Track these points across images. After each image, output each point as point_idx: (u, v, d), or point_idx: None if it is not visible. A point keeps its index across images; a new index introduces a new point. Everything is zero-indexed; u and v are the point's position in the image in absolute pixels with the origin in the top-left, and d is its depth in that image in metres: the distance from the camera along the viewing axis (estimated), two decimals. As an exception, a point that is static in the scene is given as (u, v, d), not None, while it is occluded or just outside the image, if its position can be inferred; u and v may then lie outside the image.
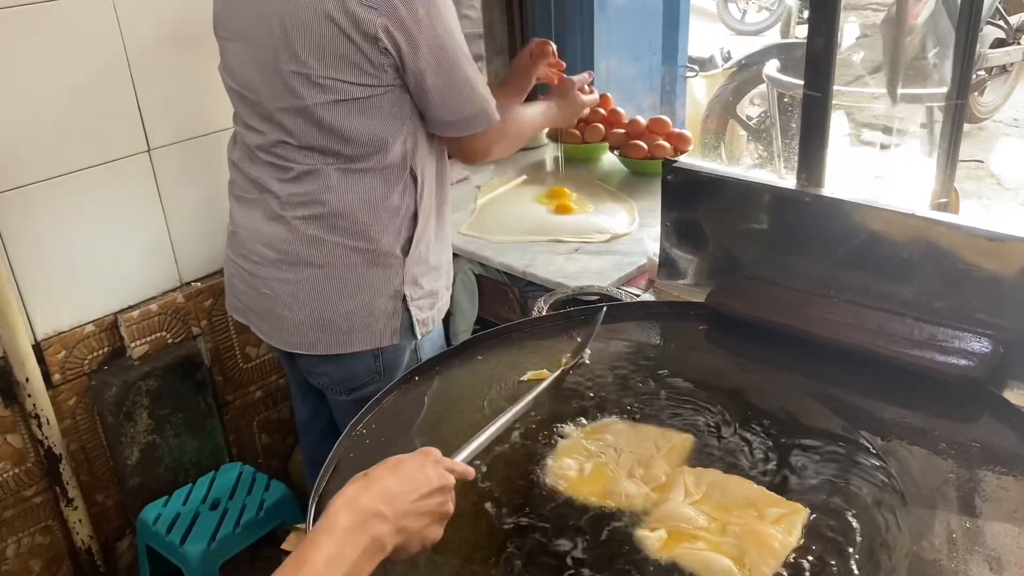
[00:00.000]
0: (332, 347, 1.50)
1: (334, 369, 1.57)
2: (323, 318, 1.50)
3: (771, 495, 0.99)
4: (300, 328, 1.52)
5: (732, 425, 1.13)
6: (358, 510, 0.79)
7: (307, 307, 1.50)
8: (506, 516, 0.99)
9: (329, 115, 1.39)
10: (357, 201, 1.44)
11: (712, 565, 0.90)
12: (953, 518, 0.95)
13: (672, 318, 1.37)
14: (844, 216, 1.27)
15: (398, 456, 0.88)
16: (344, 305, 1.49)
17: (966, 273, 1.19)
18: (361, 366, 1.55)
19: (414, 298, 1.52)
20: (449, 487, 0.88)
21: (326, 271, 1.48)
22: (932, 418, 1.11)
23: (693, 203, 1.44)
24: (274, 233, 1.50)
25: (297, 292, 1.51)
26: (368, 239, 1.46)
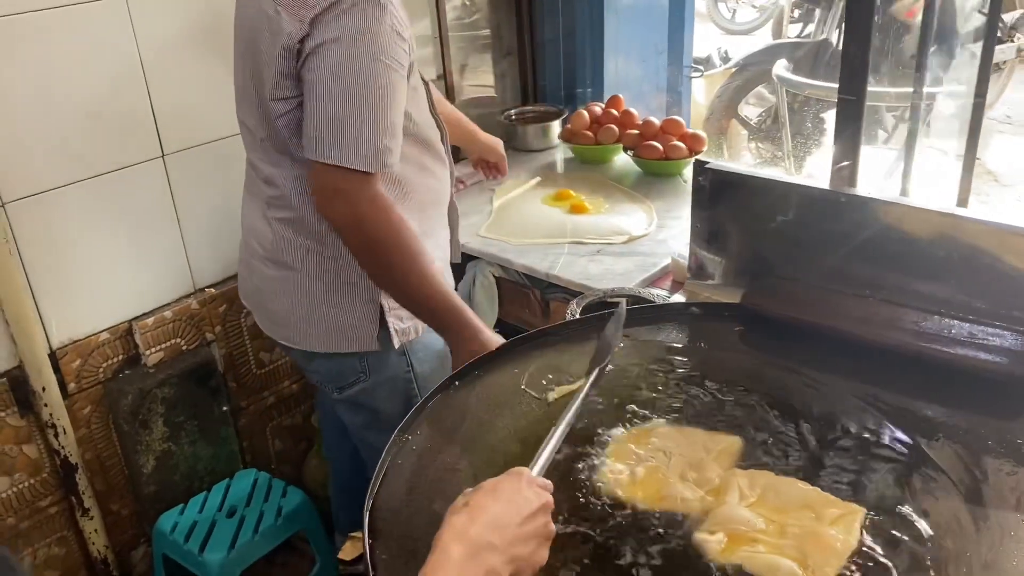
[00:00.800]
0: (314, 344, 1.53)
1: (322, 366, 1.60)
2: (303, 317, 1.53)
3: (826, 495, 0.99)
4: (286, 322, 1.56)
5: (777, 426, 1.13)
6: (469, 542, 0.77)
7: (289, 305, 1.54)
8: (563, 523, 0.98)
9: (282, 122, 1.39)
10: (317, 212, 1.43)
11: (777, 568, 0.90)
12: (1010, 515, 0.95)
13: (706, 319, 1.37)
14: (880, 216, 1.28)
15: (492, 480, 0.85)
16: (321, 308, 1.52)
17: (1003, 270, 1.19)
18: (346, 366, 1.57)
19: (391, 307, 1.51)
20: (549, 505, 0.86)
21: (302, 275, 1.51)
22: (976, 416, 1.12)
23: (724, 204, 1.44)
24: (261, 231, 1.55)
25: (279, 289, 1.55)
26: (335, 246, 1.45)
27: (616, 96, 2.34)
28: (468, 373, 1.25)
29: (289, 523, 2.08)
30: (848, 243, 1.31)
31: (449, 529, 0.79)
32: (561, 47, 2.52)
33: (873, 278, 1.31)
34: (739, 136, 3.48)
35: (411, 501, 1.03)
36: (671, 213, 1.96)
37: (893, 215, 1.27)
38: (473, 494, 0.83)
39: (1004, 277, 1.20)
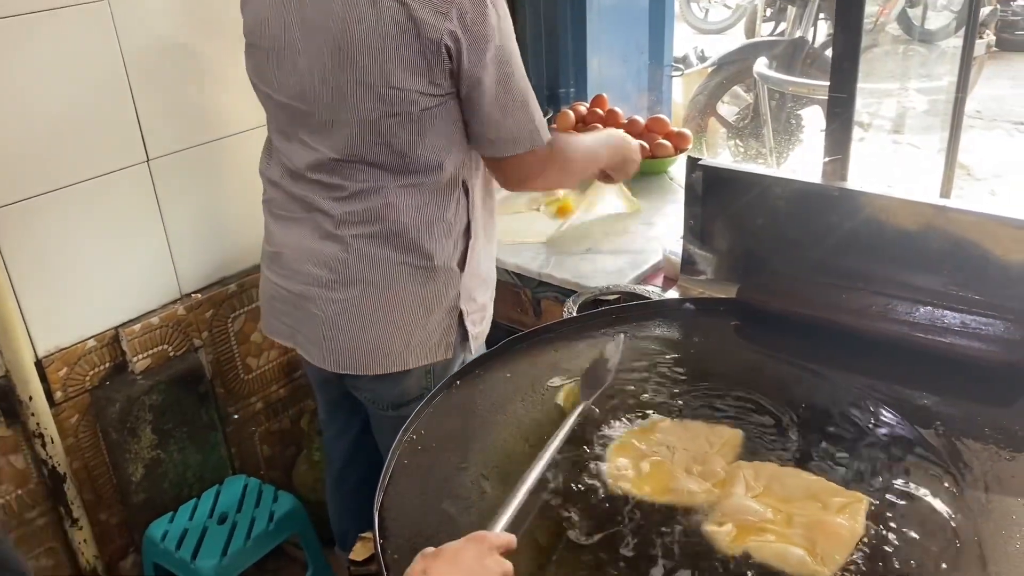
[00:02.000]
0: (387, 366, 1.46)
1: (384, 386, 1.52)
2: (378, 337, 1.45)
3: (831, 485, 1.01)
4: (355, 349, 1.47)
5: (776, 418, 1.15)
6: None
7: (361, 326, 1.45)
8: (572, 520, 0.99)
9: (389, 128, 1.34)
10: (414, 217, 1.41)
11: (787, 556, 0.91)
12: (1010, 500, 0.97)
13: (702, 315, 1.39)
14: (871, 209, 1.30)
15: (453, 547, 0.85)
16: (400, 322, 1.44)
17: (994, 261, 1.22)
18: (412, 382, 1.51)
19: (469, 312, 1.50)
20: (508, 574, 0.85)
21: (382, 289, 1.44)
22: (971, 404, 1.14)
23: (716, 200, 1.46)
24: (327, 252, 1.45)
25: (350, 311, 1.45)
26: (425, 255, 1.42)
27: (600, 95, 2.35)
28: (470, 372, 1.26)
29: (281, 528, 2.07)
30: (840, 236, 1.33)
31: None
32: (544, 47, 2.53)
33: (866, 270, 1.33)
34: (718, 134, 3.52)
35: (420, 501, 1.03)
36: (660, 211, 1.98)
37: (884, 208, 1.29)
38: (433, 560, 0.83)
39: (994, 267, 1.22)
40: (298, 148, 1.43)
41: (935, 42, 3.63)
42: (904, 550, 0.92)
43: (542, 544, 0.96)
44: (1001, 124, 4.64)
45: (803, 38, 3.35)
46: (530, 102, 1.40)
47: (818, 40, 3.43)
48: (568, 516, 1.00)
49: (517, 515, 0.93)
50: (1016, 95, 5.04)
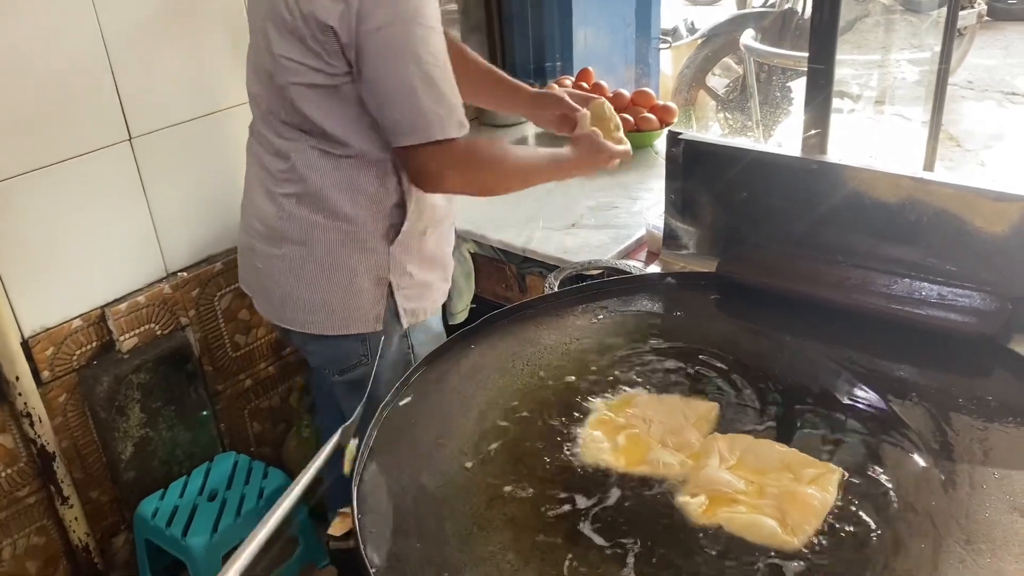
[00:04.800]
0: (315, 327, 1.52)
1: (322, 349, 1.58)
2: (306, 297, 1.51)
3: (804, 456, 1.02)
4: (286, 304, 1.54)
5: (753, 391, 1.16)
6: None
7: (291, 284, 1.51)
8: (547, 493, 1.00)
9: (300, 98, 1.38)
10: (336, 184, 1.43)
11: (758, 527, 0.92)
12: (979, 469, 0.98)
13: (683, 288, 1.39)
14: (851, 182, 1.30)
15: None
16: (326, 286, 1.49)
17: (972, 233, 1.22)
18: (348, 348, 1.54)
19: (401, 286, 1.50)
20: None
21: (309, 250, 1.49)
22: (947, 375, 1.15)
23: (697, 174, 1.46)
24: (264, 208, 1.52)
25: (283, 269, 1.52)
26: (349, 221, 1.44)
27: (586, 69, 2.34)
28: (450, 348, 1.26)
29: (271, 504, 2.08)
30: (820, 210, 1.34)
31: None
32: (529, 21, 2.51)
33: (845, 244, 1.33)
34: (707, 107, 3.50)
35: (398, 476, 1.04)
36: (644, 185, 1.98)
37: (864, 181, 1.29)
38: None
39: (972, 239, 1.23)
40: (252, 99, 1.52)
41: (926, 11, 3.61)
42: (875, 520, 0.93)
43: (516, 517, 0.97)
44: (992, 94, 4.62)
45: (792, 9, 3.32)
46: (421, 91, 1.30)
47: (807, 11, 3.41)
48: (542, 488, 1.00)
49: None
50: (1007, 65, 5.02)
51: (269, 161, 1.49)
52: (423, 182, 1.40)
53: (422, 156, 1.34)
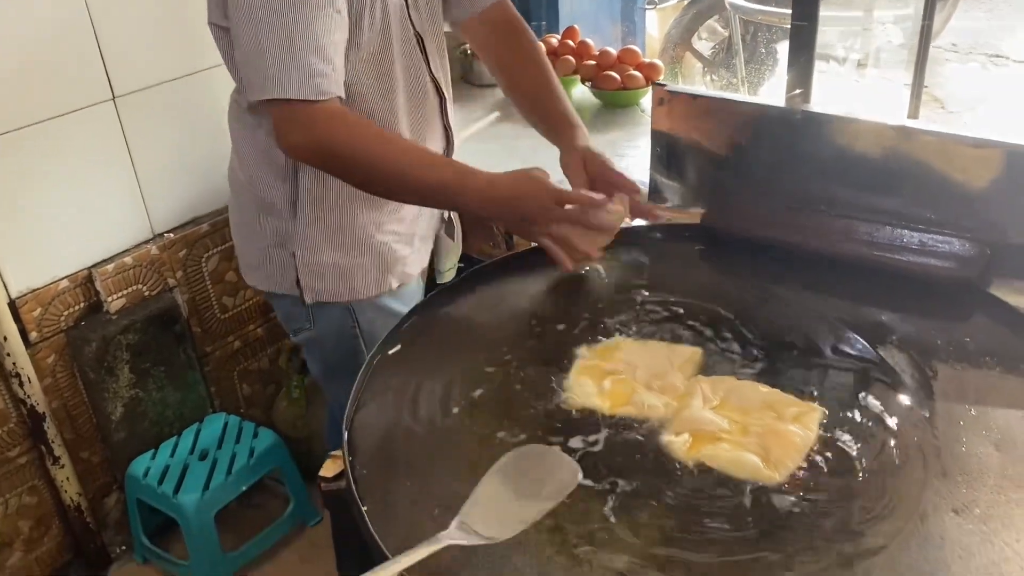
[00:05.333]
0: (246, 276, 1.56)
1: (276, 305, 1.59)
2: (239, 246, 1.56)
3: (786, 396, 1.04)
4: (236, 248, 1.58)
5: (736, 338, 1.17)
6: None
7: (233, 231, 1.57)
8: (535, 436, 1.02)
9: (216, 40, 1.36)
10: (244, 139, 1.43)
11: (741, 463, 0.94)
12: (956, 407, 1.01)
13: (667, 240, 1.40)
14: (833, 131, 1.31)
15: None
16: (247, 240, 1.52)
17: (953, 181, 1.24)
18: (291, 310, 1.53)
19: (305, 262, 1.43)
20: None
21: (237, 203, 1.52)
22: (927, 319, 1.17)
23: (682, 126, 1.46)
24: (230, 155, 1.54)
25: (230, 215, 1.58)
26: (255, 181, 1.43)
27: (572, 27, 2.34)
28: (438, 298, 1.28)
29: (262, 463, 2.10)
30: (803, 161, 1.35)
31: None
32: (515, -21, 2.49)
33: (828, 194, 1.34)
34: (694, 68, 3.49)
35: (388, 420, 1.05)
36: (630, 143, 1.98)
37: (847, 131, 1.31)
38: None
39: (952, 188, 1.24)
40: None
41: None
42: (854, 456, 0.95)
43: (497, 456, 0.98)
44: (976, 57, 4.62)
45: (779, -31, 3.30)
46: (270, 46, 1.19)
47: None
48: (531, 431, 1.02)
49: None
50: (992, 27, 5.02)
51: None
52: (277, 139, 1.26)
53: (273, 112, 1.24)
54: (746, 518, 0.88)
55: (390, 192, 1.32)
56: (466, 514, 0.85)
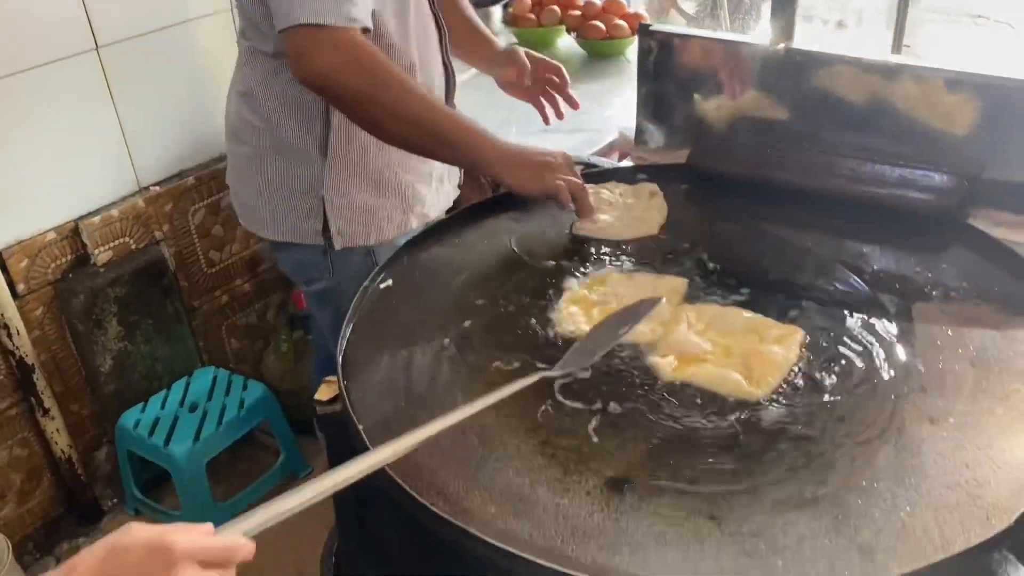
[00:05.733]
0: (259, 229, 1.53)
1: (287, 256, 1.57)
2: (252, 199, 1.52)
3: (768, 320, 1.06)
4: (240, 203, 1.56)
5: (721, 271, 1.20)
6: None
7: (246, 186, 1.52)
8: (527, 361, 1.04)
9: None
10: (265, 85, 1.41)
11: (724, 380, 0.97)
12: (934, 328, 1.04)
13: (654, 180, 1.42)
14: (816, 68, 1.33)
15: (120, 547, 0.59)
16: (267, 192, 1.48)
17: (930, 115, 1.26)
18: (309, 259, 1.52)
19: (335, 206, 1.44)
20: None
21: (250, 152, 1.48)
22: (907, 249, 1.20)
23: (668, 68, 1.48)
24: (229, 106, 1.52)
25: (240, 168, 1.53)
26: (278, 127, 1.42)
27: (557, -21, 2.33)
28: (427, 237, 1.29)
29: (252, 414, 2.12)
30: (787, 98, 1.37)
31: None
32: (498, -69, 2.49)
33: (810, 132, 1.37)
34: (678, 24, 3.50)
35: (381, 349, 1.07)
36: (616, 91, 1.99)
37: (830, 67, 1.32)
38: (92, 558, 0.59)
39: (931, 122, 1.27)
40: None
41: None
42: (835, 373, 0.98)
43: (497, 381, 1.01)
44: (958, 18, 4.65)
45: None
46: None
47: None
48: (522, 357, 1.04)
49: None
50: (976, -12, 5.04)
51: (238, 57, 1.49)
52: (297, 66, 1.24)
53: (299, 37, 1.22)
54: (730, 430, 0.91)
55: (402, 133, 1.29)
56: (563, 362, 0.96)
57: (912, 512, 0.79)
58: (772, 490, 0.83)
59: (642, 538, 0.78)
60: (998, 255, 1.14)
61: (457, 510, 0.82)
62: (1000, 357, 0.98)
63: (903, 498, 0.80)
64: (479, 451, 0.90)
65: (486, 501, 0.84)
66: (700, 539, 0.78)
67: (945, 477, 0.82)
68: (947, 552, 0.73)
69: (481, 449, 0.91)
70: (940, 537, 0.76)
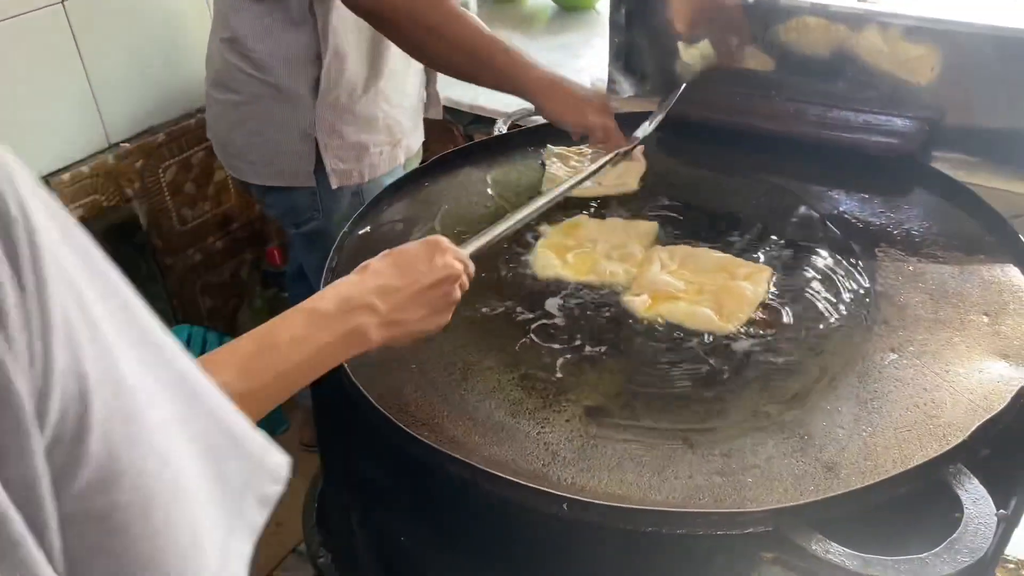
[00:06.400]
0: (249, 176, 1.54)
1: (277, 200, 1.60)
2: (241, 145, 1.54)
3: (738, 259, 1.10)
4: (232, 152, 1.56)
5: (692, 215, 1.23)
6: (345, 299, 0.77)
7: (233, 133, 1.54)
8: (504, 303, 1.06)
9: None
10: (252, 29, 1.42)
11: (696, 315, 1.01)
12: (896, 264, 1.08)
13: (625, 128, 1.43)
14: (783, 17, 1.35)
15: (401, 247, 0.84)
16: (254, 136, 1.51)
17: (892, 62, 1.30)
18: (299, 201, 1.56)
19: (329, 146, 1.48)
20: (455, 276, 0.84)
21: (239, 99, 1.50)
22: (872, 191, 1.24)
23: (639, 18, 1.49)
24: (212, 55, 1.53)
25: (225, 116, 1.54)
26: (267, 71, 1.44)
27: (526, -68, 2.32)
28: (403, 185, 1.31)
29: (230, 370, 2.13)
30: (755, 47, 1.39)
31: (333, 286, 0.80)
32: None
33: (778, 80, 1.40)
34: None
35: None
36: (587, 43, 2.00)
37: (796, 16, 1.35)
38: (379, 258, 0.83)
39: (893, 67, 1.30)
40: None
41: None
42: (803, 306, 1.02)
43: (476, 319, 1.04)
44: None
45: None
46: None
47: None
48: (504, 299, 1.07)
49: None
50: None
51: (218, 4, 1.49)
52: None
53: None
54: (702, 362, 0.95)
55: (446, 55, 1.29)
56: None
57: (873, 432, 0.83)
58: (741, 415, 0.87)
59: (619, 461, 0.82)
60: (958, 196, 1.18)
61: (444, 439, 0.85)
62: (958, 291, 1.02)
63: (865, 420, 0.85)
64: (462, 386, 0.93)
65: (470, 431, 0.87)
66: (675, 461, 0.82)
67: (905, 400, 0.87)
68: (905, 466, 0.78)
69: (464, 384, 0.94)
70: (900, 454, 0.80)
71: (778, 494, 0.77)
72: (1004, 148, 1.26)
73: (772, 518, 0.72)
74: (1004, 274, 1.04)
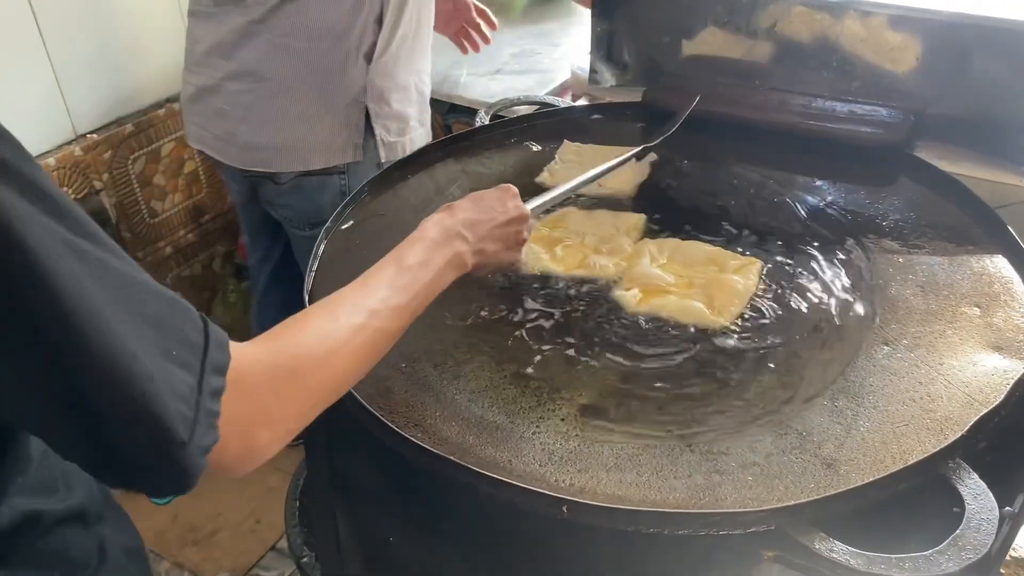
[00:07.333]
0: (280, 165, 1.49)
1: (299, 201, 1.55)
2: (273, 135, 1.48)
3: (728, 252, 1.09)
4: (251, 144, 1.50)
5: (679, 206, 1.22)
6: (444, 228, 0.88)
7: (256, 122, 1.48)
8: (493, 299, 1.05)
9: None
10: (285, 14, 1.39)
11: (687, 309, 0.99)
12: (885, 256, 1.08)
13: (610, 120, 1.43)
14: (767, 5, 1.34)
15: (479, 192, 0.97)
16: (303, 116, 1.46)
17: (876, 52, 1.29)
18: (327, 198, 1.52)
19: (379, 115, 1.49)
20: (524, 217, 0.98)
21: (273, 83, 1.45)
22: (858, 181, 1.23)
23: (622, 6, 1.48)
24: (235, 43, 1.46)
25: (254, 105, 1.48)
26: (330, 44, 1.41)
27: (502, -81, 2.29)
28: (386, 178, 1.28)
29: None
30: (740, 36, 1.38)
31: (429, 219, 0.90)
32: None
33: (762, 70, 1.39)
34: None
35: (344, 286, 1.06)
36: (566, 31, 1.99)
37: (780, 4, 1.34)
38: (458, 201, 0.94)
39: (878, 57, 1.30)
40: None
41: None
42: (793, 299, 1.01)
43: (465, 318, 1.02)
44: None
45: None
46: None
47: None
48: (492, 296, 1.05)
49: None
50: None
51: None
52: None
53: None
54: (695, 357, 0.94)
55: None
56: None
57: (871, 427, 0.83)
58: (738, 411, 0.86)
59: (617, 461, 0.81)
60: (943, 186, 1.18)
61: (436, 440, 0.83)
62: (948, 282, 1.02)
63: (862, 415, 0.84)
64: (454, 385, 0.91)
65: (464, 432, 0.85)
66: (673, 459, 0.81)
67: (901, 394, 0.86)
68: (905, 462, 0.77)
69: (455, 383, 0.92)
70: (898, 449, 0.80)
71: (779, 492, 0.76)
72: (989, 138, 1.26)
73: (775, 517, 0.71)
74: (993, 265, 1.04)
